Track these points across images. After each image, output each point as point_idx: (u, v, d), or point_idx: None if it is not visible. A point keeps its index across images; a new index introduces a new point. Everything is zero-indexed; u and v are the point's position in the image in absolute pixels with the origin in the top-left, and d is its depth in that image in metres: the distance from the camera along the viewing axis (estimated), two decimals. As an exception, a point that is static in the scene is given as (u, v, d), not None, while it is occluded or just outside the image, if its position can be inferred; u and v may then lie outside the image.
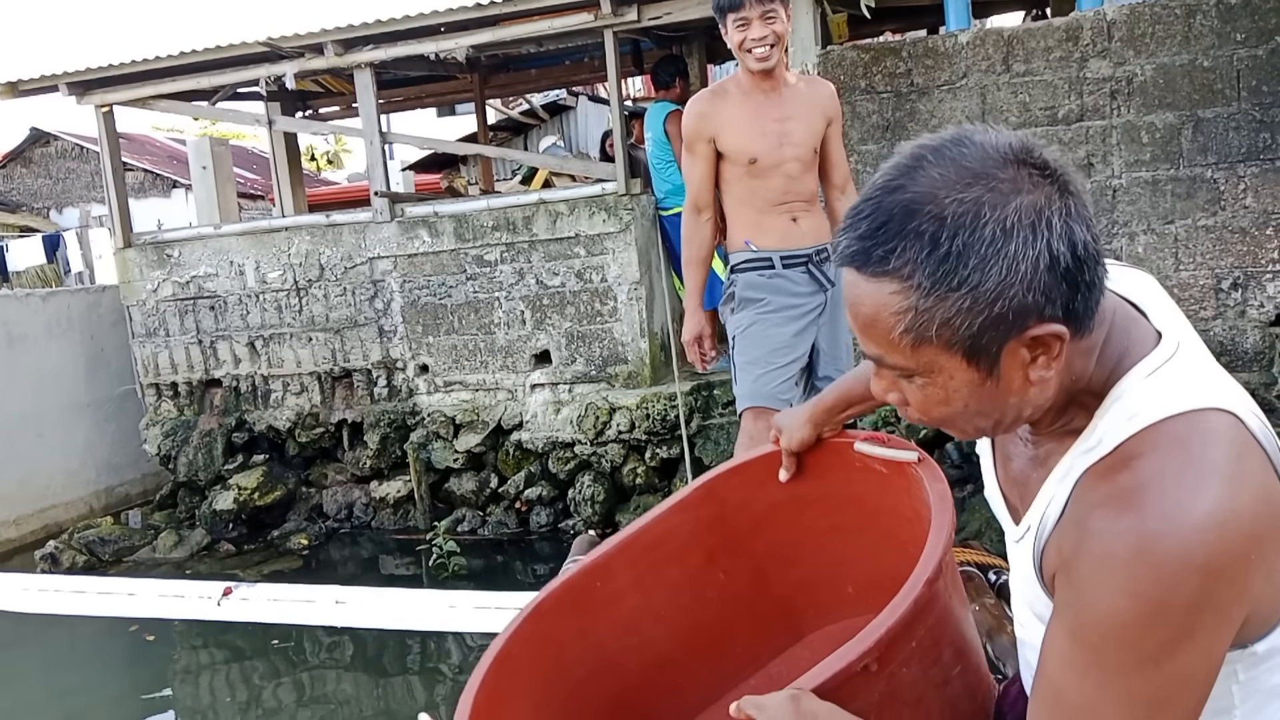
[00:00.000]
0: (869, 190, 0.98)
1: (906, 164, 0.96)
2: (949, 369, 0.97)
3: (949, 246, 0.90)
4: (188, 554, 7.13)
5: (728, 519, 1.75)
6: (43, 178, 18.96)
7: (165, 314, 7.79)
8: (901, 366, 0.99)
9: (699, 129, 3.04)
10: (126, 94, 7.66)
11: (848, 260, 0.97)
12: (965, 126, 0.99)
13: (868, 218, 0.95)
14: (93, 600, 3.06)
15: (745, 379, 3.06)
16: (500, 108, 12.72)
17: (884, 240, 0.93)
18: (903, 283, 0.93)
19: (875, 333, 0.97)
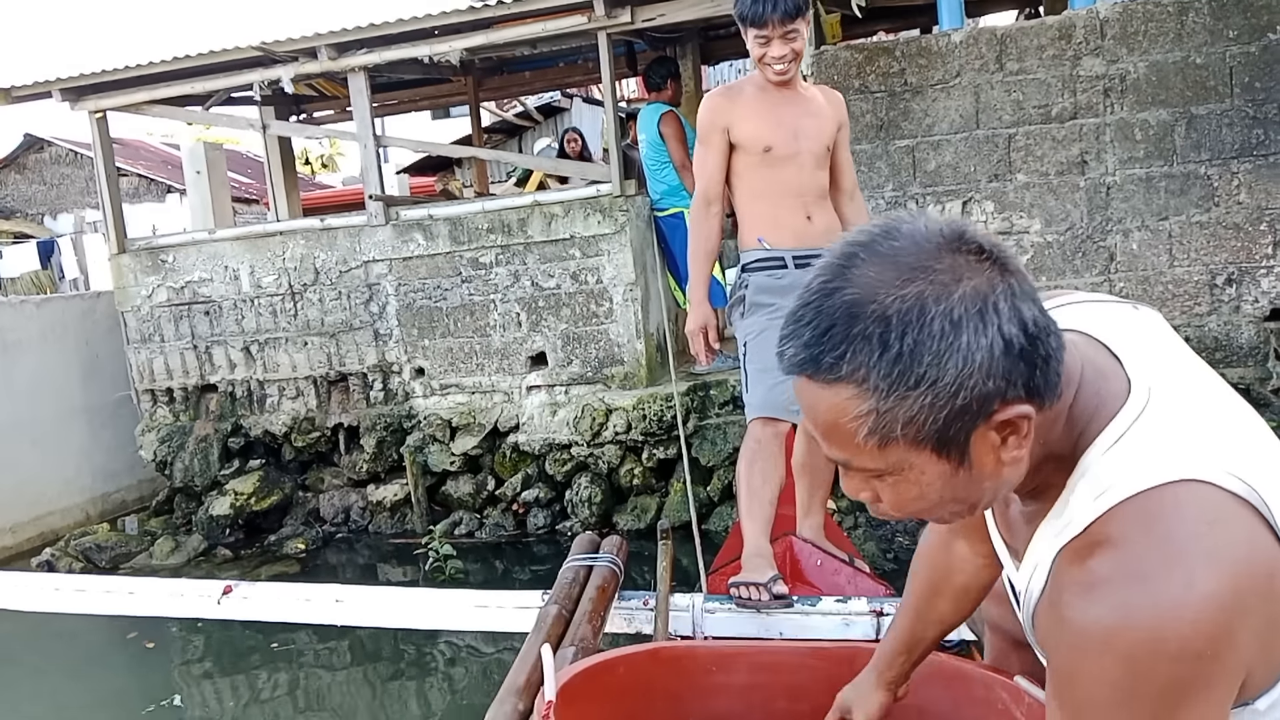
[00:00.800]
0: (806, 294, 0.95)
1: (840, 263, 0.94)
2: (919, 464, 0.95)
3: (899, 346, 0.89)
4: (184, 560, 7.11)
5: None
6: (37, 184, 18.92)
7: (160, 320, 7.77)
8: (870, 469, 0.97)
9: (714, 120, 3.03)
10: (121, 99, 7.65)
11: (797, 368, 0.94)
12: (894, 216, 0.98)
13: (810, 324, 0.93)
14: (94, 598, 3.03)
15: (758, 387, 3.04)
16: (494, 110, 12.73)
17: (830, 346, 0.91)
18: (858, 387, 0.91)
19: (838, 437, 0.95)
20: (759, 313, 3.05)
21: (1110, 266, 5.88)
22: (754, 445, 3.02)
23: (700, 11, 6.32)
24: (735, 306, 3.16)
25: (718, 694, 1.70)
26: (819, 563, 3.25)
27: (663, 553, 2.89)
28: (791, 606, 2.73)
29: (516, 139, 13.33)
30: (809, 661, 1.72)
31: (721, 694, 1.70)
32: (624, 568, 2.77)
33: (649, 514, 6.37)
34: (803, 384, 0.95)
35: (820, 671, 1.75)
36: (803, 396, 0.96)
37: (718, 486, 6.20)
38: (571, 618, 2.44)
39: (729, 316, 3.23)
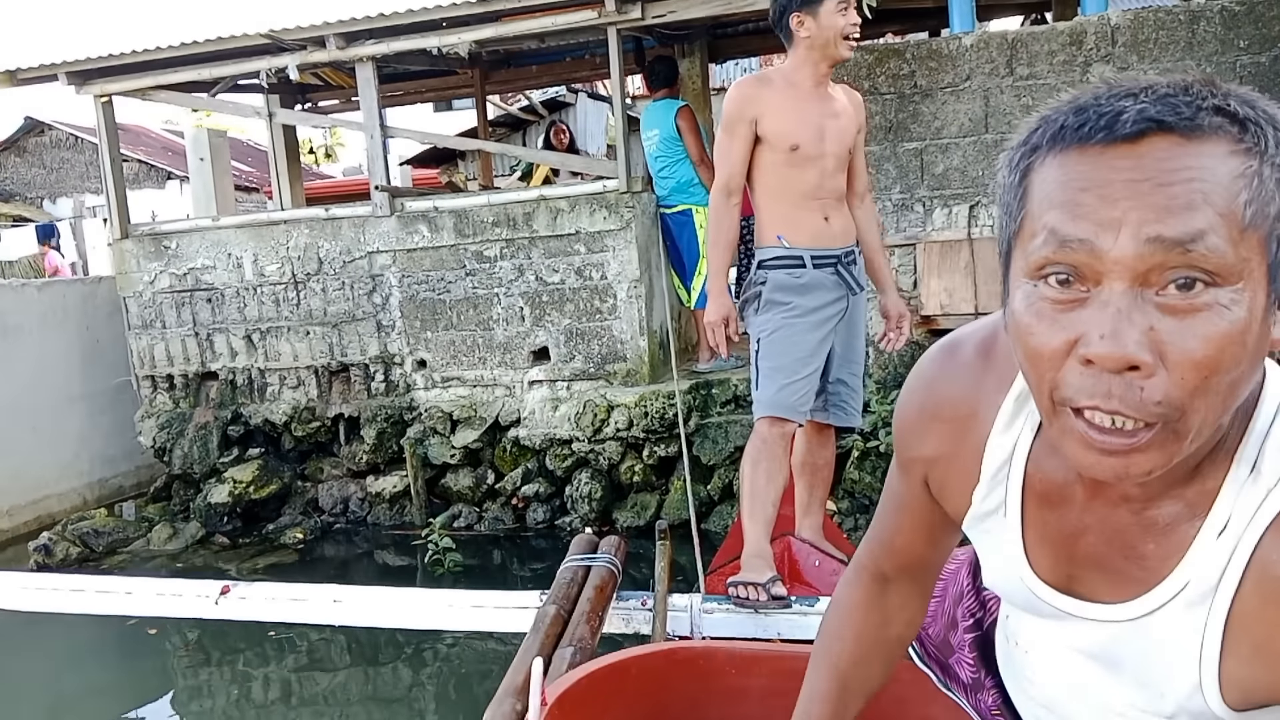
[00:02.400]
0: (1081, 95, 0.78)
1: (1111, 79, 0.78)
2: (1253, 285, 0.72)
3: (1274, 111, 0.73)
4: (182, 546, 7.10)
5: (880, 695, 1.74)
6: (37, 167, 18.92)
7: (162, 306, 7.76)
8: (1219, 261, 0.70)
9: (742, 110, 3.01)
10: (126, 84, 7.63)
11: (1155, 121, 0.71)
12: None
13: (1151, 86, 0.74)
14: (90, 598, 3.03)
15: (769, 386, 3.03)
16: (499, 104, 12.70)
17: (1203, 93, 0.72)
18: (1238, 139, 0.71)
19: (1205, 202, 0.70)
20: (775, 310, 3.04)
21: (1115, 274, 5.86)
22: (759, 445, 3.02)
23: (711, 9, 6.30)
24: (750, 302, 3.14)
25: (736, 698, 1.68)
26: (817, 563, 3.25)
27: (661, 553, 2.89)
28: (789, 607, 2.73)
29: (520, 133, 13.30)
30: None
31: (740, 698, 1.68)
32: (622, 567, 2.77)
33: (649, 511, 6.36)
34: (1155, 145, 0.71)
35: None
36: (1153, 160, 0.71)
37: (718, 485, 6.20)
38: (569, 618, 2.43)
39: (741, 312, 3.21)
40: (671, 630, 2.65)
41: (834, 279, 3.05)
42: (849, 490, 5.90)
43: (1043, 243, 0.74)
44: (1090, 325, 0.72)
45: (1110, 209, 0.70)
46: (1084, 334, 0.73)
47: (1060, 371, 0.75)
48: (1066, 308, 0.74)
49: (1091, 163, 0.71)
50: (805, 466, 3.35)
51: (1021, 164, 0.78)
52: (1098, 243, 0.71)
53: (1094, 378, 0.72)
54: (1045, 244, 0.74)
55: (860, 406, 3.30)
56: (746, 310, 3.16)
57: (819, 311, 3.03)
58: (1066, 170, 0.73)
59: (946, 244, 6.08)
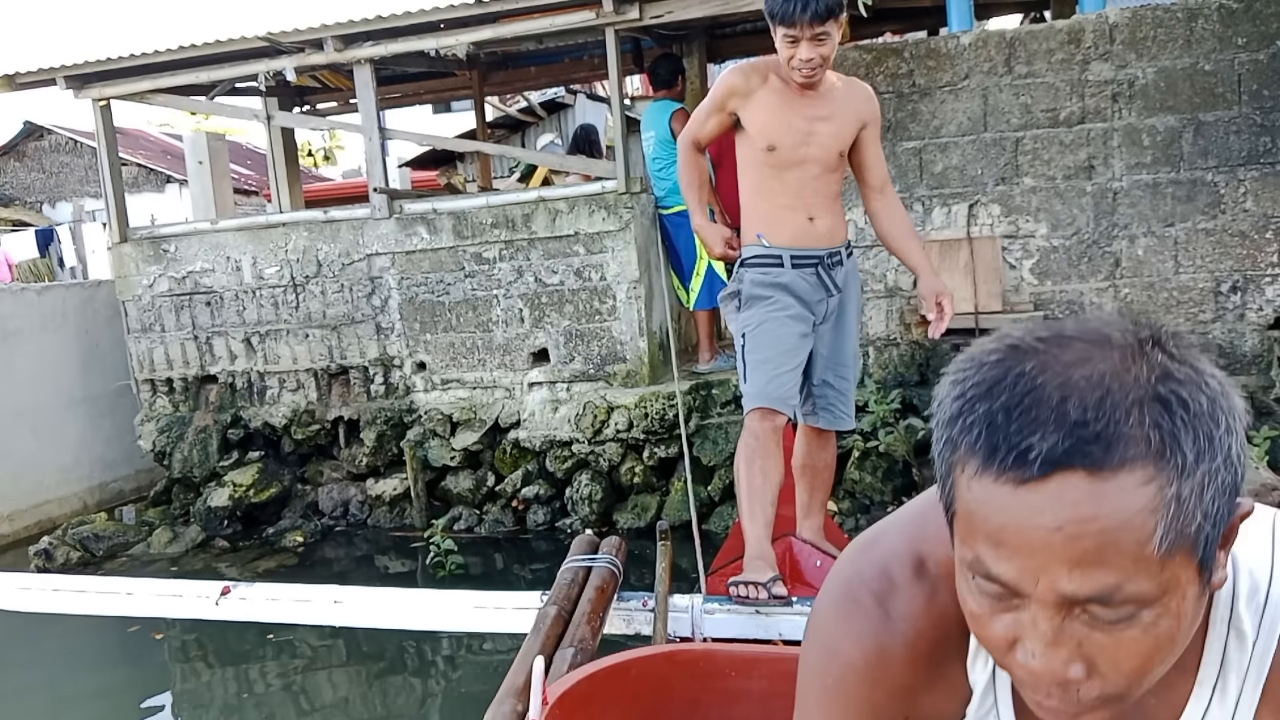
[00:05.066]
0: (1013, 381, 0.72)
1: (1040, 346, 0.75)
2: (1184, 582, 0.72)
3: (1197, 403, 0.71)
4: (182, 550, 7.10)
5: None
6: (36, 172, 18.93)
7: (161, 309, 7.75)
8: (1137, 596, 0.71)
9: (726, 98, 3.01)
10: (125, 88, 7.63)
11: (1062, 460, 0.69)
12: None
13: (1061, 403, 0.70)
14: (91, 599, 3.02)
15: (756, 378, 3.02)
16: (498, 105, 12.70)
17: (1115, 417, 0.69)
18: (1157, 465, 0.69)
19: (1115, 553, 0.69)
20: (757, 305, 3.03)
21: (1116, 272, 5.86)
22: (752, 442, 3.00)
23: (708, 9, 6.29)
24: (730, 300, 3.13)
25: (736, 700, 1.68)
26: (819, 563, 3.24)
27: (662, 553, 2.89)
28: (790, 607, 2.72)
29: (520, 134, 13.29)
30: None
31: (740, 700, 1.68)
32: (623, 568, 2.77)
33: (649, 512, 6.36)
34: (1064, 485, 0.69)
35: None
36: (1063, 506, 0.69)
37: (718, 486, 6.19)
38: (570, 619, 2.43)
39: (724, 311, 3.20)
40: (672, 631, 2.64)
41: (814, 280, 3.02)
42: (849, 490, 5.89)
43: (974, 561, 0.76)
44: (1024, 634, 0.75)
45: (1028, 558, 0.71)
46: (1020, 640, 0.75)
47: (1004, 658, 0.78)
48: (1004, 608, 0.76)
49: (1007, 499, 0.71)
50: (805, 469, 3.34)
51: (945, 454, 0.77)
52: (1020, 585, 0.73)
53: (1034, 678, 0.76)
54: (976, 564, 0.76)
55: (851, 409, 3.25)
56: (728, 309, 3.15)
57: (798, 307, 3.01)
58: (986, 501, 0.73)
59: (946, 243, 6.07)
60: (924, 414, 5.88)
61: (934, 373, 6.10)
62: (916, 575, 0.92)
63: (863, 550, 0.99)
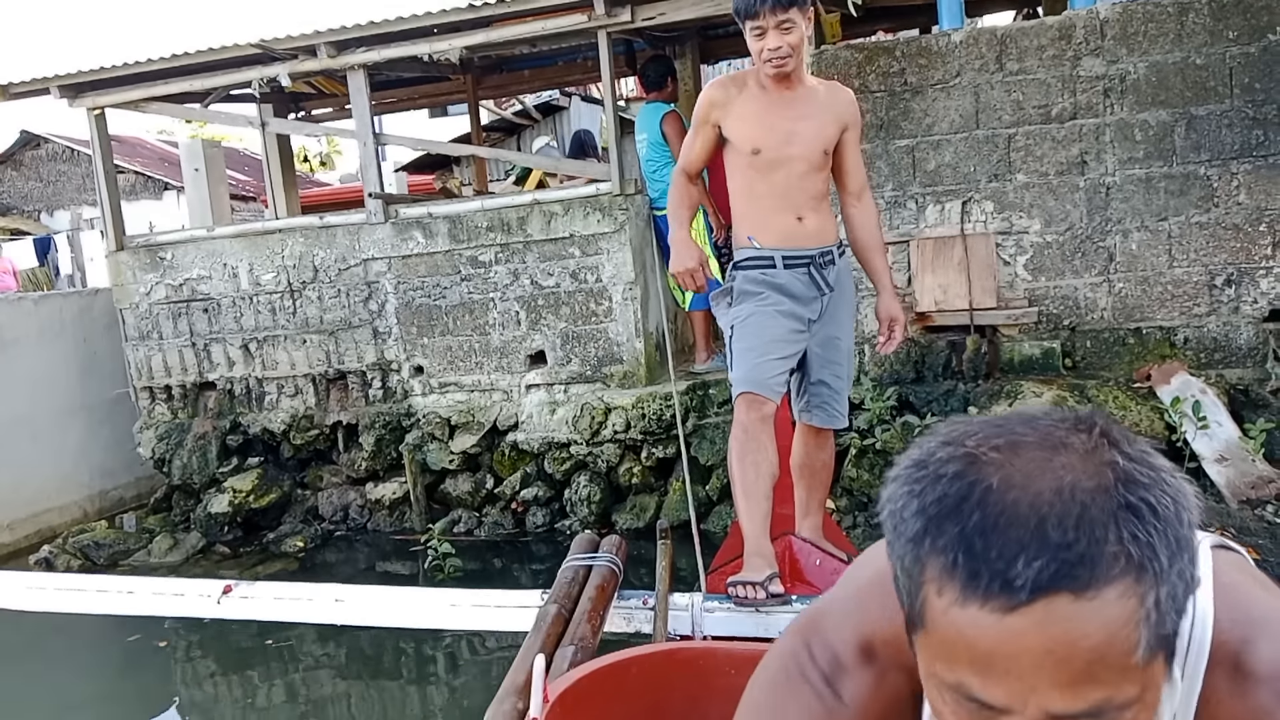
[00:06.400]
0: (982, 505, 0.71)
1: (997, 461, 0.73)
2: (1158, 674, 0.73)
3: (1163, 507, 0.70)
4: (183, 557, 7.11)
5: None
6: (33, 180, 18.91)
7: (159, 317, 7.76)
8: (1124, 703, 0.71)
9: (707, 113, 3.05)
10: (119, 96, 7.64)
11: (1047, 585, 0.68)
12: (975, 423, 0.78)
13: (1039, 524, 0.69)
14: (92, 598, 3.03)
15: (742, 364, 3.03)
16: (493, 108, 12.71)
17: (1095, 536, 0.68)
18: (1136, 578, 0.69)
19: (1104, 669, 0.70)
20: (747, 299, 3.05)
21: (1110, 267, 5.88)
22: (742, 436, 3.00)
23: (700, 10, 6.32)
24: (722, 298, 3.15)
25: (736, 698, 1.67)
26: (818, 562, 3.25)
27: (662, 552, 2.90)
28: (789, 604, 2.73)
29: (515, 137, 13.31)
30: None
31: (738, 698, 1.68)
32: (623, 567, 2.78)
33: (648, 513, 6.37)
34: (1050, 610, 0.68)
35: None
36: (1052, 630, 0.68)
37: (716, 486, 6.20)
38: (571, 617, 2.44)
39: (715, 310, 3.22)
40: (672, 629, 2.66)
41: (806, 279, 3.04)
42: (847, 488, 5.90)
43: (957, 684, 0.75)
44: None
45: (1016, 682, 0.71)
46: None
47: None
48: (985, 718, 0.75)
49: (993, 626, 0.70)
50: (804, 469, 3.35)
51: (913, 571, 0.75)
52: (1010, 707, 0.72)
53: None
54: (959, 688, 0.75)
55: (844, 408, 3.27)
56: (719, 307, 3.17)
57: (789, 305, 3.03)
58: (967, 627, 0.71)
59: (940, 240, 6.09)
60: (920, 411, 5.89)
61: (929, 370, 6.12)
62: (865, 659, 0.91)
63: (806, 629, 0.97)
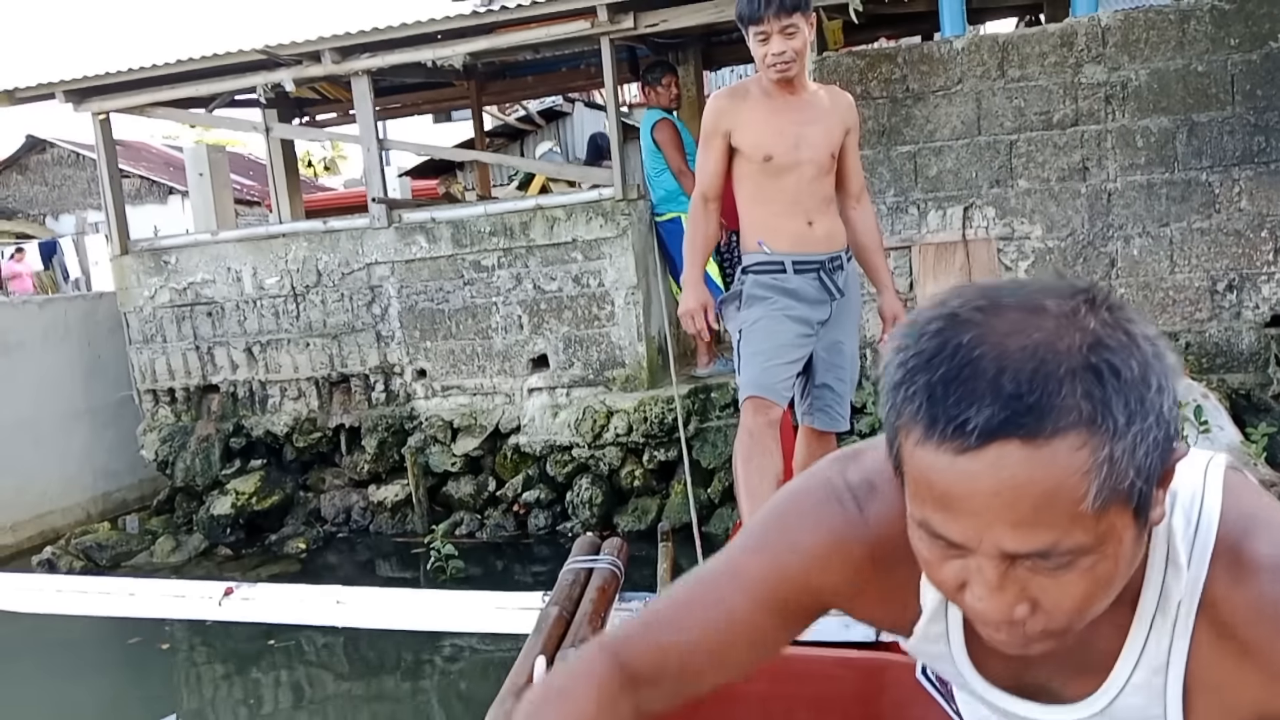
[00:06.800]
0: (952, 352, 0.75)
1: (974, 316, 0.77)
2: (1120, 529, 0.77)
3: (1129, 369, 0.73)
4: (185, 559, 7.13)
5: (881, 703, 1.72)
6: (39, 185, 18.97)
7: (162, 320, 7.79)
8: (1074, 548, 0.75)
9: (716, 124, 3.04)
10: (124, 101, 7.68)
11: (998, 430, 0.72)
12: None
13: (996, 375, 0.73)
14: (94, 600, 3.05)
15: (750, 368, 3.04)
16: (497, 114, 12.75)
17: (1048, 389, 0.72)
18: (1089, 430, 0.72)
19: (1051, 514, 0.74)
20: (755, 304, 3.07)
21: (1111, 273, 5.89)
22: (748, 440, 3.00)
23: (703, 17, 6.34)
24: (731, 303, 3.16)
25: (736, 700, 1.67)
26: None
27: (663, 554, 2.91)
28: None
29: (518, 143, 13.35)
30: (836, 672, 1.66)
31: (740, 700, 1.67)
32: (624, 569, 2.79)
33: (650, 516, 6.38)
34: (1001, 454, 0.72)
35: (847, 683, 1.70)
36: (1001, 473, 0.73)
37: (718, 489, 6.22)
38: (572, 619, 2.44)
39: (723, 313, 3.23)
40: (672, 631, 2.66)
41: (816, 284, 3.05)
42: (849, 492, 5.90)
43: (923, 520, 0.80)
44: (972, 579, 0.80)
45: (971, 520, 0.76)
46: (968, 584, 0.80)
47: (955, 596, 0.84)
48: (952, 556, 0.81)
49: (948, 466, 0.75)
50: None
51: (890, 418, 0.81)
52: (966, 543, 0.78)
53: (982, 617, 0.82)
54: (925, 524, 0.80)
55: (847, 411, 3.28)
56: (728, 311, 3.18)
57: (799, 310, 3.04)
58: (929, 468, 0.77)
59: (941, 246, 6.11)
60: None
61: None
62: (900, 484, 0.95)
63: (848, 458, 1.02)
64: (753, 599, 1.00)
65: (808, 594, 1.01)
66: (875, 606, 1.04)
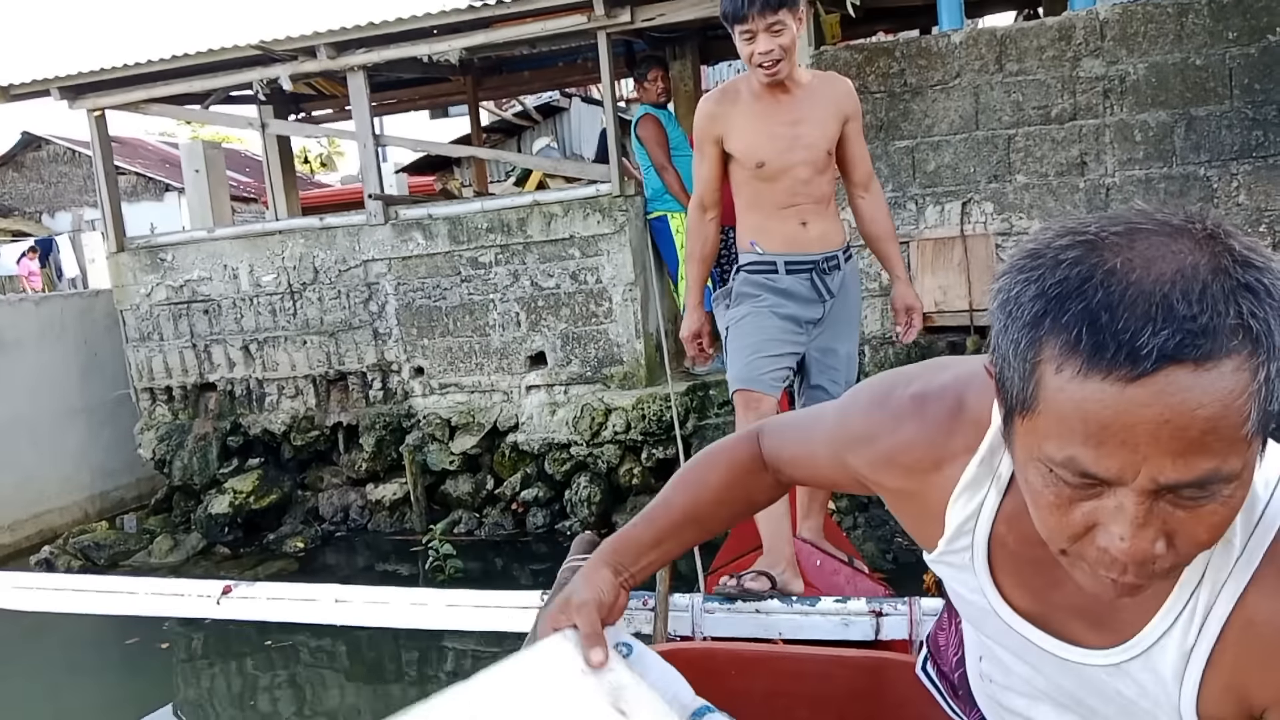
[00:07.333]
0: (1102, 278, 0.72)
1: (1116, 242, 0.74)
2: (1255, 453, 0.75)
3: (1276, 281, 0.72)
4: (183, 558, 7.12)
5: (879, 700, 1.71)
6: (35, 182, 18.94)
7: (159, 318, 7.77)
8: (1229, 475, 0.73)
9: (707, 129, 2.96)
10: (119, 98, 7.65)
11: (1174, 354, 0.69)
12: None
13: (1161, 299, 0.70)
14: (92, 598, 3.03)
15: (737, 362, 3.00)
16: (493, 109, 12.72)
17: (1217, 309, 0.70)
18: (1252, 351, 0.70)
19: (1216, 439, 0.71)
20: (745, 301, 3.02)
21: (1109, 267, 5.88)
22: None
23: (699, 11, 6.32)
24: (722, 300, 3.13)
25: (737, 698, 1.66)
26: (818, 563, 3.25)
27: (662, 553, 2.89)
28: (791, 606, 2.73)
29: (515, 138, 13.32)
30: (834, 670, 1.66)
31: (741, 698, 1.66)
32: (623, 568, 2.78)
33: (648, 514, 6.36)
34: (1170, 380, 0.70)
35: (845, 681, 1.70)
36: (1171, 399, 0.70)
37: (716, 486, 6.20)
38: (571, 618, 2.44)
39: (716, 312, 3.20)
40: (673, 630, 2.65)
41: (807, 284, 3.00)
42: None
43: (1064, 461, 0.76)
44: (1108, 520, 0.76)
45: (1131, 453, 0.73)
46: (1102, 526, 0.77)
47: (1079, 544, 0.80)
48: (1084, 498, 0.77)
49: (1113, 397, 0.71)
50: None
51: (1026, 354, 0.76)
52: (1118, 479, 0.75)
53: (1112, 559, 0.78)
54: (1067, 465, 0.76)
55: None
56: (719, 308, 3.14)
57: (789, 308, 3.00)
58: (1087, 401, 0.73)
59: (940, 241, 6.09)
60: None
61: (930, 370, 6.12)
62: (949, 415, 0.99)
63: (919, 374, 1.06)
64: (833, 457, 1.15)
65: (866, 480, 1.10)
66: (911, 504, 1.06)
